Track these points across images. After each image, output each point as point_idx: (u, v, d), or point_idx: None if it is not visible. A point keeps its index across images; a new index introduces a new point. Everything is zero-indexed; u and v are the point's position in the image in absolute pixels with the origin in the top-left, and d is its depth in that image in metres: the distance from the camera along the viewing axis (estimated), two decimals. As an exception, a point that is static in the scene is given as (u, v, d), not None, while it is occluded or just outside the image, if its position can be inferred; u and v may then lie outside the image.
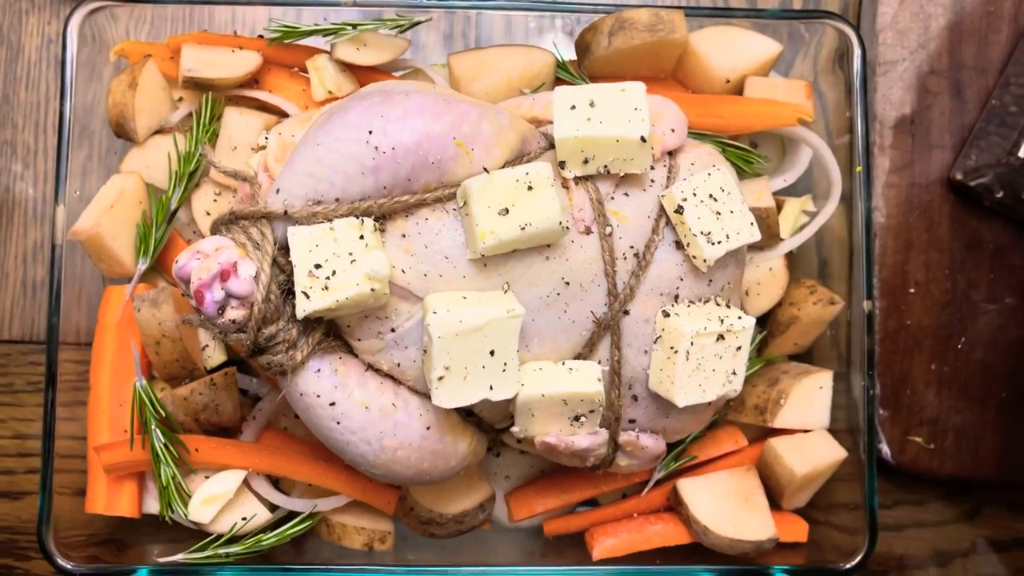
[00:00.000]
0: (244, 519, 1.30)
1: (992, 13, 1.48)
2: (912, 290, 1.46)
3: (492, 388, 1.09)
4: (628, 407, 1.20)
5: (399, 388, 1.16)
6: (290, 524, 1.32)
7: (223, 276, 1.09)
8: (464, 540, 1.39)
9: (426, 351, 1.09)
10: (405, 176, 1.10)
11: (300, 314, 1.08)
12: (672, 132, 1.20)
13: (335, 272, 1.07)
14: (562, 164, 1.15)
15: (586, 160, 1.15)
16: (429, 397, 1.11)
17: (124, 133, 1.33)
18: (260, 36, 1.37)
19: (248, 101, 1.36)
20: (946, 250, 1.47)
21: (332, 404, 1.13)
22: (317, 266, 1.08)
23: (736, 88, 1.39)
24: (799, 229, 1.41)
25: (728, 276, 1.22)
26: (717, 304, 1.20)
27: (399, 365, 1.15)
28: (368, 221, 1.10)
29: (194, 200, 1.34)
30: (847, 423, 1.36)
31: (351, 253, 1.08)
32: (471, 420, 1.21)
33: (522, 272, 1.13)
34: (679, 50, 1.34)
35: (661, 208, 1.18)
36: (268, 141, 1.22)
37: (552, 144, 1.17)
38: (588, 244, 1.15)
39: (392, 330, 1.13)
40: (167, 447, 1.26)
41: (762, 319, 1.42)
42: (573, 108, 1.14)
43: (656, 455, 1.25)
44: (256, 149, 1.27)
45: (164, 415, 1.27)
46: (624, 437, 1.22)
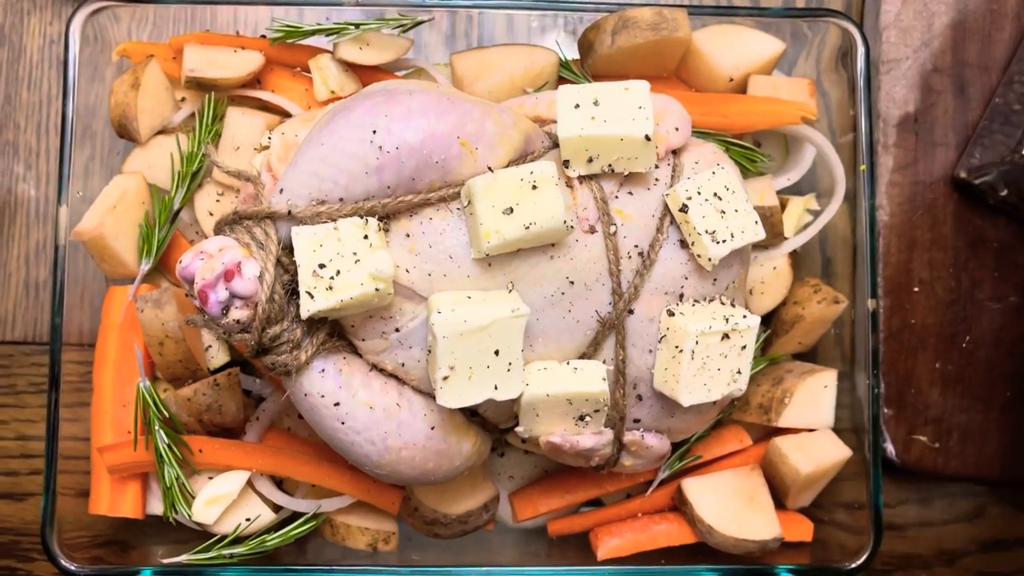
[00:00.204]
0: (248, 520, 1.29)
1: (996, 11, 1.48)
2: (916, 289, 1.46)
3: (497, 388, 1.09)
4: (633, 407, 1.20)
5: (403, 388, 1.16)
6: (294, 525, 1.31)
7: (227, 276, 1.09)
8: (468, 540, 1.38)
9: (430, 351, 1.09)
10: (409, 175, 1.10)
11: (304, 314, 1.07)
12: (676, 131, 1.20)
13: (339, 272, 1.07)
14: (566, 163, 1.15)
15: (590, 159, 1.14)
16: (433, 397, 1.11)
17: (127, 133, 1.33)
18: (262, 36, 1.37)
19: (251, 101, 1.36)
20: (950, 248, 1.47)
21: (336, 404, 1.12)
22: (321, 266, 1.07)
23: (739, 87, 1.38)
24: (803, 228, 1.41)
25: (733, 275, 1.21)
26: (722, 303, 1.19)
27: (403, 365, 1.14)
28: (372, 221, 1.10)
29: (197, 200, 1.34)
30: (852, 422, 1.36)
31: (355, 253, 1.07)
32: (475, 420, 1.21)
33: (526, 271, 1.13)
34: (682, 49, 1.34)
35: (665, 207, 1.17)
36: (271, 141, 1.22)
37: (556, 143, 1.17)
38: (592, 243, 1.15)
39: (396, 330, 1.13)
40: (171, 448, 1.26)
41: (766, 318, 1.42)
42: (577, 107, 1.14)
43: (661, 455, 1.25)
44: (259, 149, 1.27)
45: (167, 416, 1.26)
46: (629, 437, 1.21)
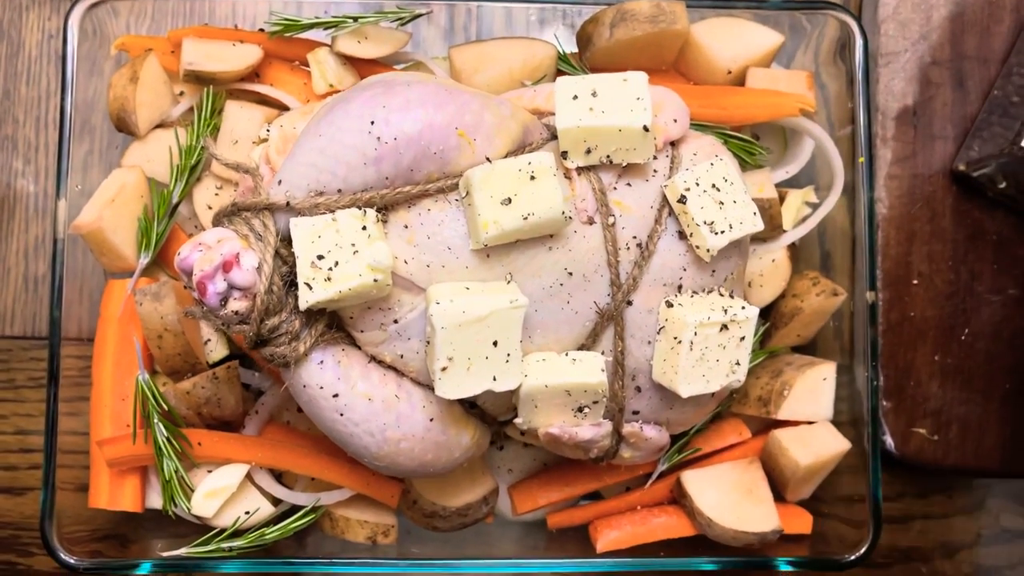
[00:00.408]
0: (247, 513, 1.29)
1: (994, 3, 1.48)
2: (915, 281, 1.46)
3: (495, 379, 1.09)
4: (632, 398, 1.20)
5: (402, 380, 1.16)
6: (293, 518, 1.31)
7: (225, 267, 1.09)
8: (467, 533, 1.38)
9: (429, 342, 1.09)
10: (407, 166, 1.10)
11: (303, 305, 1.07)
12: (674, 122, 1.20)
13: (338, 263, 1.07)
14: (564, 154, 1.15)
15: (588, 150, 1.14)
16: (432, 389, 1.11)
17: (125, 127, 1.33)
18: (261, 30, 1.37)
19: (249, 95, 1.36)
20: (949, 241, 1.47)
21: (335, 396, 1.12)
22: (320, 257, 1.07)
23: (738, 79, 1.38)
24: (802, 220, 1.41)
25: (731, 266, 1.21)
26: (720, 294, 1.19)
27: (402, 356, 1.14)
28: (371, 212, 1.10)
29: (196, 194, 1.34)
30: (851, 415, 1.36)
31: (354, 244, 1.07)
32: (474, 412, 1.21)
33: (525, 263, 1.13)
34: (681, 41, 1.34)
35: (664, 198, 1.17)
36: (270, 134, 1.22)
37: (554, 135, 1.17)
38: (591, 234, 1.15)
39: (395, 321, 1.13)
40: (170, 441, 1.26)
41: (765, 311, 1.42)
42: (575, 98, 1.14)
43: (660, 447, 1.25)
44: (257, 142, 1.27)
45: (166, 409, 1.27)
46: (628, 428, 1.21)
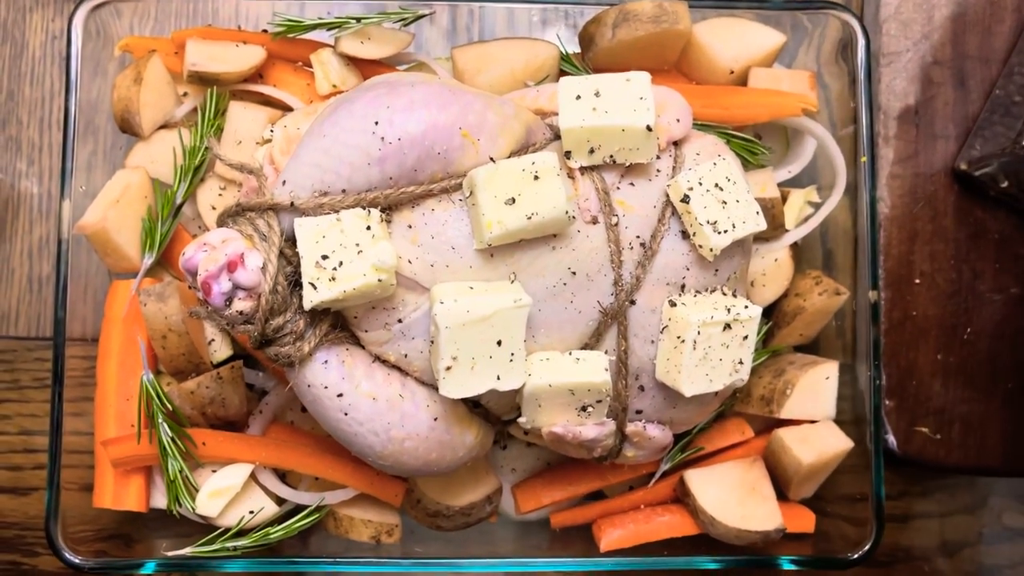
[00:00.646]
0: (251, 512, 1.30)
1: (995, 3, 1.48)
2: (917, 280, 1.46)
3: (499, 378, 1.09)
4: (635, 397, 1.20)
5: (406, 379, 1.16)
6: (297, 517, 1.32)
7: (230, 267, 1.09)
8: (471, 533, 1.38)
9: (433, 342, 1.09)
10: (411, 166, 1.10)
11: (307, 305, 1.08)
12: (677, 122, 1.20)
13: (342, 263, 1.07)
14: (568, 154, 1.15)
15: (592, 150, 1.15)
16: (436, 388, 1.11)
17: (129, 128, 1.33)
18: (264, 30, 1.37)
19: (252, 95, 1.37)
20: (951, 240, 1.47)
21: (340, 395, 1.13)
22: (324, 257, 1.07)
23: (740, 79, 1.39)
24: (804, 220, 1.41)
25: (734, 266, 1.21)
26: (723, 294, 1.19)
27: (406, 356, 1.14)
28: (375, 212, 1.10)
29: (199, 194, 1.34)
30: (853, 414, 1.36)
31: (358, 244, 1.08)
32: (478, 411, 1.21)
33: (529, 262, 1.13)
34: (683, 41, 1.34)
35: (667, 198, 1.18)
36: (273, 134, 1.22)
37: (557, 135, 1.17)
38: (594, 234, 1.15)
39: (399, 321, 1.13)
40: (174, 441, 1.26)
41: (768, 310, 1.42)
42: (578, 98, 1.14)
43: (663, 446, 1.25)
44: (261, 143, 1.27)
45: (171, 409, 1.27)
46: (631, 428, 1.21)
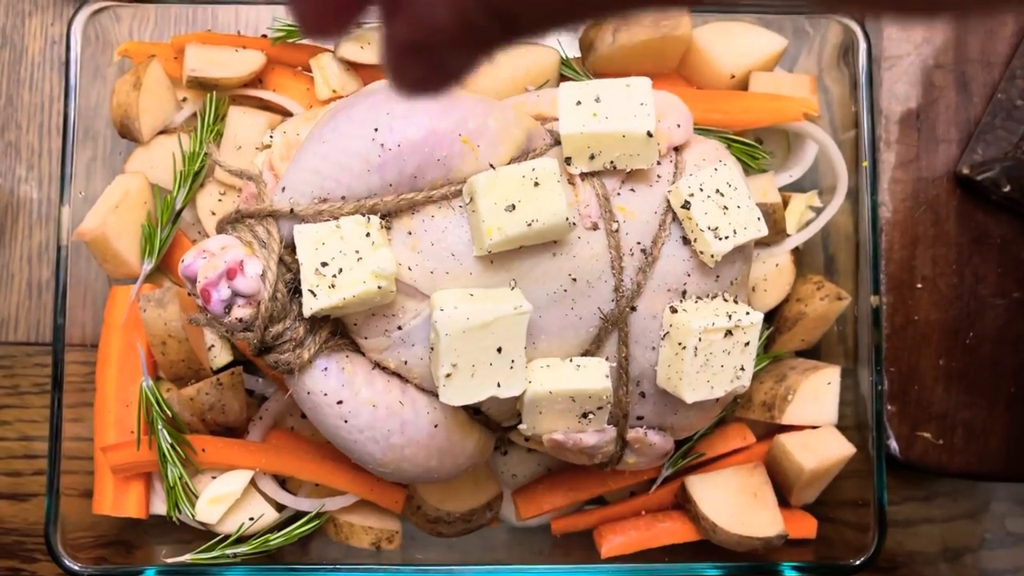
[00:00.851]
0: (251, 519, 1.29)
1: (997, 7, 1.48)
2: (919, 285, 1.46)
3: (500, 385, 1.09)
4: (636, 404, 1.20)
5: (406, 386, 1.16)
6: (297, 524, 1.31)
7: (229, 274, 1.09)
8: (472, 539, 1.38)
9: (433, 349, 1.09)
10: (411, 173, 1.10)
11: (307, 312, 1.07)
12: (678, 127, 1.20)
13: (342, 270, 1.07)
14: (568, 160, 1.15)
15: (592, 156, 1.14)
16: (436, 395, 1.10)
17: (128, 133, 1.33)
18: (264, 35, 1.37)
19: (252, 100, 1.36)
20: (953, 245, 1.46)
21: (339, 402, 1.12)
22: (324, 264, 1.07)
23: (741, 84, 1.38)
24: (805, 225, 1.41)
25: (735, 272, 1.21)
26: (725, 300, 1.19)
27: (406, 363, 1.14)
28: (374, 219, 1.10)
29: (199, 200, 1.34)
30: (855, 419, 1.36)
31: (357, 251, 1.07)
32: (478, 418, 1.21)
33: (529, 269, 1.13)
34: (683, 46, 1.34)
35: (668, 204, 1.17)
36: (273, 140, 1.21)
37: (558, 140, 1.17)
38: (595, 240, 1.15)
39: (399, 328, 1.13)
40: (174, 447, 1.26)
41: (769, 315, 1.41)
42: (579, 104, 1.14)
43: (664, 452, 1.25)
44: (261, 148, 1.27)
45: (170, 415, 1.26)
46: (632, 434, 1.21)
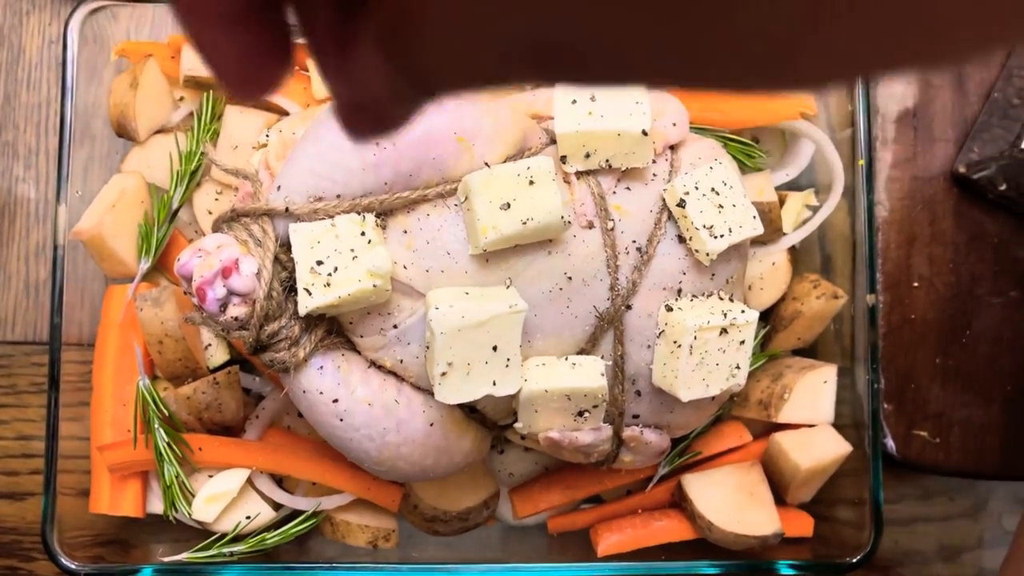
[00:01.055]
0: (248, 518, 1.30)
1: (994, 6, 1.48)
2: (916, 284, 1.46)
3: (495, 384, 1.09)
4: (632, 402, 1.20)
5: (402, 385, 1.16)
6: (294, 523, 1.32)
7: (225, 273, 1.09)
8: (468, 537, 1.38)
9: (428, 347, 1.09)
10: (407, 172, 1.10)
11: (302, 311, 1.07)
12: (674, 126, 1.20)
13: (337, 269, 1.07)
14: (563, 159, 1.15)
15: (587, 154, 1.14)
16: (432, 394, 1.11)
17: (125, 133, 1.33)
18: (260, 35, 1.37)
19: (249, 100, 1.36)
20: (950, 244, 1.46)
21: (335, 401, 1.12)
22: (319, 263, 1.07)
23: (737, 83, 1.38)
24: (802, 223, 1.41)
25: (731, 270, 1.21)
26: (720, 298, 1.19)
27: (402, 362, 1.14)
28: (370, 217, 1.10)
29: (196, 199, 1.34)
30: (852, 418, 1.36)
31: (353, 249, 1.07)
32: (474, 417, 1.21)
33: (524, 267, 1.13)
34: (680, 45, 1.34)
35: (663, 202, 1.17)
36: (269, 139, 1.22)
37: (553, 140, 1.17)
38: (590, 239, 1.15)
39: (394, 326, 1.13)
40: (170, 446, 1.26)
41: (765, 314, 1.41)
42: (574, 102, 1.14)
43: (660, 451, 1.25)
44: (257, 147, 1.27)
45: (167, 414, 1.27)
46: (628, 433, 1.21)
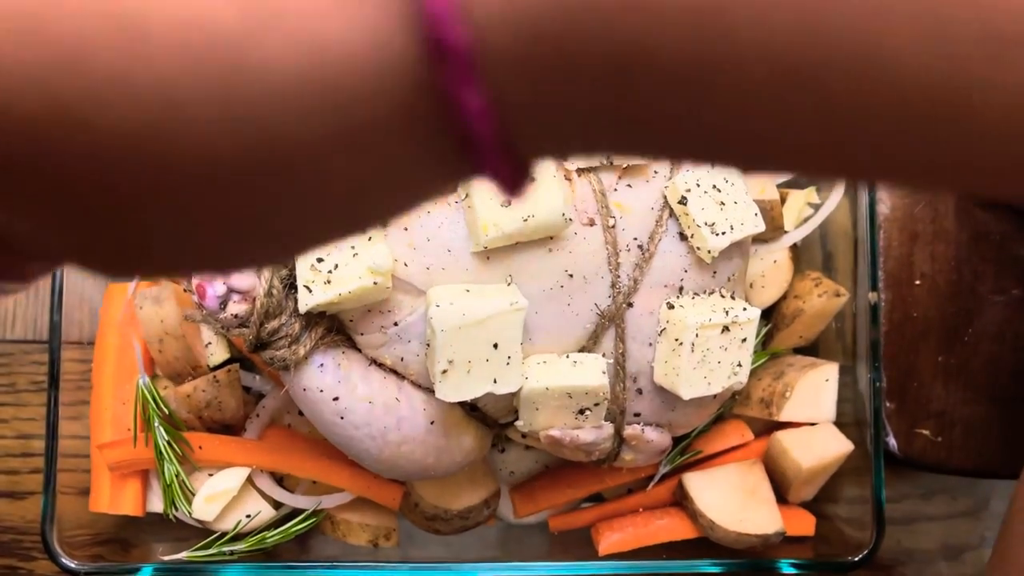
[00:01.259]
0: (248, 516, 1.29)
1: (996, 3, 1.48)
2: (918, 282, 1.46)
3: (496, 382, 1.08)
4: (633, 400, 1.19)
5: (402, 383, 1.15)
6: (294, 521, 1.31)
7: (225, 270, 1.09)
8: (469, 536, 1.38)
9: (429, 345, 1.09)
10: (407, 169, 1.10)
11: (303, 308, 1.07)
12: (675, 123, 1.20)
13: (337, 266, 1.07)
14: (564, 156, 1.15)
15: (588, 152, 1.14)
16: (432, 392, 1.10)
17: (125, 131, 1.33)
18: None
19: (249, 97, 1.36)
20: (952, 241, 1.46)
21: (335, 399, 1.12)
22: (319, 260, 1.07)
23: (739, 80, 1.38)
24: (803, 221, 1.40)
25: (732, 268, 1.21)
26: (722, 296, 1.19)
27: (402, 359, 1.14)
28: (370, 214, 1.09)
29: (196, 197, 1.34)
30: (854, 416, 1.36)
31: (353, 247, 1.07)
32: (475, 415, 1.21)
33: (525, 265, 1.12)
34: (681, 42, 1.33)
35: (664, 199, 1.17)
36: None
37: (554, 137, 1.17)
38: (591, 236, 1.14)
39: (395, 324, 1.12)
40: (170, 445, 1.26)
41: (767, 312, 1.41)
42: (575, 99, 1.14)
43: (661, 449, 1.24)
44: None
45: (167, 413, 1.26)
46: (629, 431, 1.21)
